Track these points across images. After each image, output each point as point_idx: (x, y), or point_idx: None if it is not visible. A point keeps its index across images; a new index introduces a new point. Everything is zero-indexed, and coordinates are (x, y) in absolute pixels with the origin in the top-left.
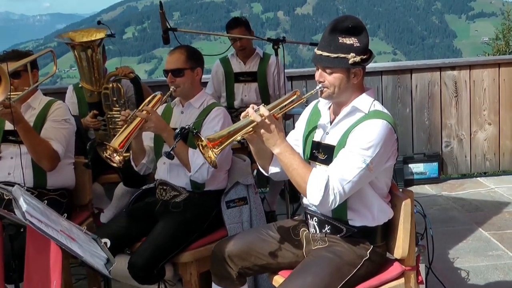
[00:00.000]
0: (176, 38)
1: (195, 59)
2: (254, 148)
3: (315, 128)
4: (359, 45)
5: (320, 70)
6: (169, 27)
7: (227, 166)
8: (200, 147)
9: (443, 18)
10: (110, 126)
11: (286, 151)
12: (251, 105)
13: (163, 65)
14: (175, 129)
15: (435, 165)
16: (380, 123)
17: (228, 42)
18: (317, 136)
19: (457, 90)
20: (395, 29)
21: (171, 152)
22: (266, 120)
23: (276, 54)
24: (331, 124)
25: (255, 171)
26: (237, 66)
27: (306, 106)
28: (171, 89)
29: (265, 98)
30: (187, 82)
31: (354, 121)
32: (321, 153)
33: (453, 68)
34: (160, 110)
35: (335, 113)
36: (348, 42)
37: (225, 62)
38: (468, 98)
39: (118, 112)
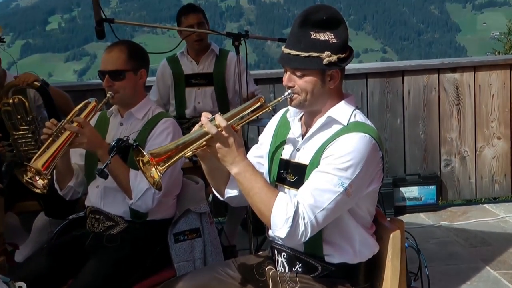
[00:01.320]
0: (113, 31)
1: (138, 58)
2: (206, 166)
3: (283, 143)
4: (335, 41)
5: (288, 73)
6: (104, 17)
7: (176, 190)
8: (141, 164)
9: (443, 8)
10: (22, 148)
11: (246, 171)
12: (204, 114)
13: (97, 64)
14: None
15: (432, 188)
16: (361, 137)
17: (178, 37)
18: (286, 153)
19: (459, 97)
20: (385, 21)
21: (105, 169)
22: (223, 132)
23: (237, 52)
24: (302, 139)
25: (210, 196)
26: (189, 66)
27: (273, 115)
28: (108, 95)
29: (223, 105)
30: (129, 87)
31: (330, 134)
32: (291, 174)
33: (454, 69)
34: (93, 121)
35: (308, 124)
36: (322, 38)
37: (174, 61)
38: (473, 106)
39: (27, 131)
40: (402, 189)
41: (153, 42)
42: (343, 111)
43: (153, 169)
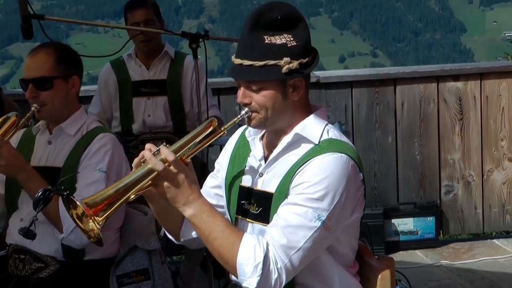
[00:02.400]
0: (43, 29)
1: (69, 62)
2: (155, 207)
3: (242, 167)
4: (295, 43)
5: (242, 88)
6: (32, 12)
7: (118, 222)
8: (75, 217)
9: (446, 4)
10: None
11: (203, 212)
12: (147, 146)
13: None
14: (39, 168)
15: (431, 220)
16: (337, 159)
17: (125, 36)
18: (247, 180)
19: (463, 110)
20: (375, 19)
21: (31, 228)
22: (171, 168)
23: (195, 57)
24: (265, 162)
25: (162, 230)
26: (137, 71)
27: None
28: (32, 108)
29: (178, 119)
30: (58, 98)
31: (299, 156)
32: (254, 205)
33: (456, 77)
34: (15, 140)
35: (271, 144)
36: (278, 41)
37: (119, 66)
38: (479, 121)
39: None
40: (394, 221)
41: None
42: (313, 127)
43: (91, 222)
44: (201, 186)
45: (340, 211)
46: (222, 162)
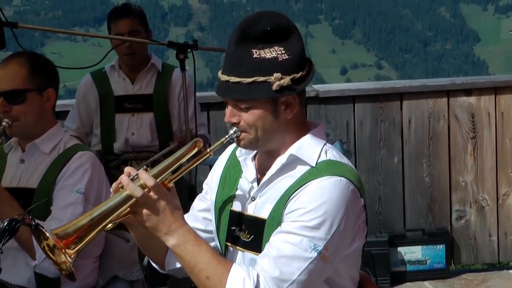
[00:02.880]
0: (16, 38)
1: (44, 74)
2: (137, 235)
3: (233, 190)
4: (287, 57)
5: (230, 106)
6: (4, 19)
7: (97, 250)
8: (46, 249)
9: (457, 11)
10: None
11: (187, 242)
12: (126, 170)
13: None
14: (11, 189)
15: (440, 249)
16: (335, 183)
17: (106, 45)
18: (238, 204)
19: (476, 128)
20: (380, 27)
21: None
22: (151, 194)
23: (183, 69)
24: (258, 185)
25: (146, 259)
26: (120, 85)
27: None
28: (3, 123)
29: (165, 138)
30: (31, 112)
31: (294, 180)
32: (245, 232)
33: (469, 91)
34: None
35: (264, 166)
36: (268, 55)
37: (101, 78)
38: (493, 140)
39: None
40: (401, 249)
41: (71, 53)
42: (309, 148)
43: (62, 255)
44: (189, 211)
45: (338, 240)
46: (211, 184)
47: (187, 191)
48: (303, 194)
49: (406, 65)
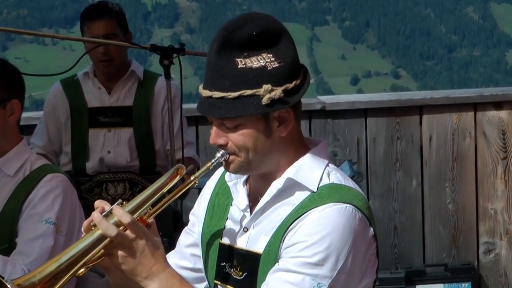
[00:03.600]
0: None
1: (7, 83)
2: (114, 280)
3: (222, 220)
4: (277, 65)
5: (215, 127)
6: None
7: (69, 286)
8: None
9: (487, 12)
10: None
11: (171, 287)
12: (97, 203)
13: None
14: None
15: (466, 287)
16: (340, 211)
17: (80, 48)
18: (228, 236)
19: (507, 147)
20: (398, 30)
21: None
22: (128, 233)
23: (168, 77)
24: (251, 214)
25: None
26: (95, 95)
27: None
28: None
29: (146, 157)
30: None
31: (292, 208)
32: (236, 269)
33: (499, 104)
34: None
35: (258, 191)
36: (255, 64)
37: (72, 87)
38: None
39: None
40: (420, 287)
41: (39, 57)
42: (309, 170)
43: None
44: (174, 243)
45: (346, 277)
46: (198, 213)
47: (171, 220)
48: (303, 225)
49: (427, 74)
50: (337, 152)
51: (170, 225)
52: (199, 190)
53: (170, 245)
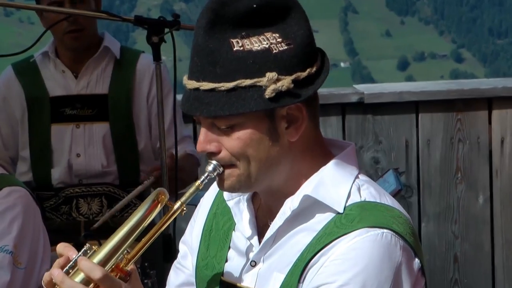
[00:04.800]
0: None
1: None
2: None
3: (223, 249)
4: (285, 47)
5: (204, 128)
6: None
7: None
8: None
9: None
10: None
11: None
12: (61, 251)
13: None
14: None
15: None
16: (375, 239)
17: (39, 22)
18: (231, 271)
19: None
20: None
21: None
22: None
23: (157, 58)
24: (260, 242)
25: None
26: (59, 81)
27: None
28: None
29: (127, 161)
30: None
31: (314, 234)
32: None
33: None
34: None
35: (267, 212)
36: (256, 46)
37: (28, 72)
38: None
39: None
40: None
41: None
42: (332, 184)
43: None
44: (165, 278)
45: None
46: (190, 241)
47: (161, 246)
48: (328, 260)
49: (498, 56)
50: (379, 159)
51: (158, 254)
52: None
53: (159, 280)
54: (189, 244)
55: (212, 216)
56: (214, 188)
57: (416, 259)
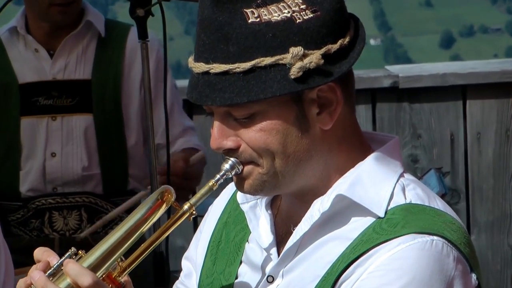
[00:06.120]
0: None
1: None
2: None
3: (235, 265)
4: (310, 15)
5: (217, 121)
6: None
7: None
8: None
9: None
10: None
11: None
12: (38, 254)
13: None
14: None
15: None
16: (424, 247)
17: None
18: (244, 286)
19: None
20: None
21: None
22: None
23: (143, 36)
24: (279, 254)
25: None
26: (31, 63)
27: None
28: None
29: (114, 162)
30: None
31: (348, 243)
32: None
33: None
34: None
35: (289, 218)
36: (275, 16)
37: None
38: None
39: None
40: None
41: None
42: (372, 183)
43: None
44: None
45: None
46: (195, 257)
47: (151, 266)
48: (366, 271)
49: None
50: (417, 156)
51: (148, 276)
52: (196, 220)
53: None
54: (194, 260)
55: (222, 225)
56: (225, 194)
57: (473, 274)
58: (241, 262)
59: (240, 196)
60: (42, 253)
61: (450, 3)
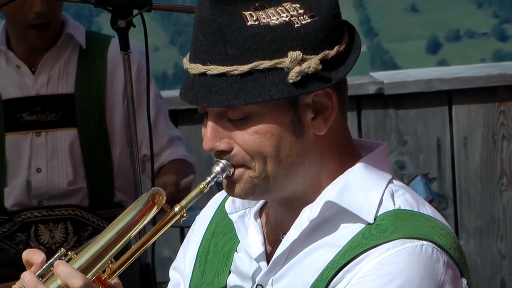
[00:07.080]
0: None
1: None
2: None
3: (223, 275)
4: (308, 20)
5: (211, 122)
6: None
7: None
8: None
9: None
10: None
11: None
12: (29, 258)
13: None
14: None
15: None
16: (413, 252)
17: None
18: None
19: None
20: None
21: None
22: None
23: (124, 47)
24: (268, 263)
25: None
26: (13, 79)
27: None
28: None
29: (100, 175)
30: None
31: (337, 250)
32: None
33: None
34: None
35: (279, 227)
36: (274, 20)
37: None
38: None
39: None
40: None
41: None
42: (361, 189)
43: None
44: None
45: None
46: (183, 267)
47: (137, 278)
48: (356, 277)
49: None
50: (404, 163)
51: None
52: (183, 230)
53: None
54: (182, 270)
55: (210, 235)
56: (212, 204)
57: (463, 280)
58: (230, 272)
59: (228, 205)
60: (32, 254)
61: (436, 8)
